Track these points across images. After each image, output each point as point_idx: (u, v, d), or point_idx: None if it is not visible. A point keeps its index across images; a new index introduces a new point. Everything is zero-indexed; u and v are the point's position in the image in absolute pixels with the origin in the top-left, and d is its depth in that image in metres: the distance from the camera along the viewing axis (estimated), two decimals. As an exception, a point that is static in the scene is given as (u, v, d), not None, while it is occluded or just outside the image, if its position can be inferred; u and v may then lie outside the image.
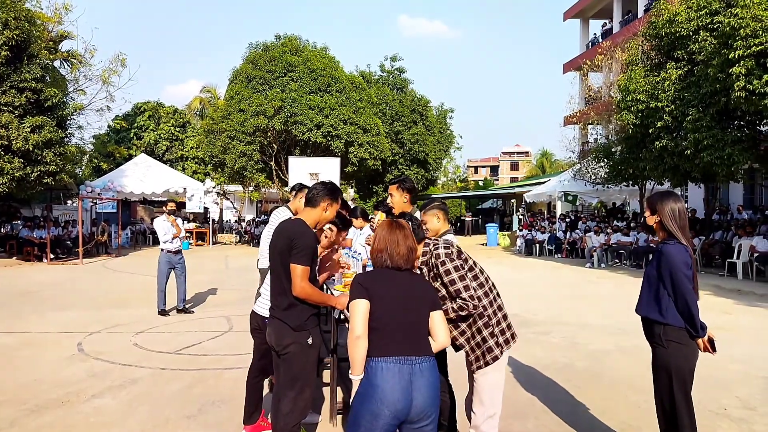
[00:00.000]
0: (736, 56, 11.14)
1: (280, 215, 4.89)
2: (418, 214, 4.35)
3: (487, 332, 3.05)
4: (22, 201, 21.80)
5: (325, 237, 3.90)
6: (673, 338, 2.90)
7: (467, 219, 32.38)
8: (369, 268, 4.68)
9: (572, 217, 21.58)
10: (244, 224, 28.75)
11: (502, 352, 3.08)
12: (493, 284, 3.19)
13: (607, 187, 19.22)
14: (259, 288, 3.97)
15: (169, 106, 34.92)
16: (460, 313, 2.99)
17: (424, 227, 3.87)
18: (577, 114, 22.10)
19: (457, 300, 2.98)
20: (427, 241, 3.24)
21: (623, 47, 18.02)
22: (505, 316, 3.14)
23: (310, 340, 2.97)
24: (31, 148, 15.88)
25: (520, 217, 25.89)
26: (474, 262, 3.16)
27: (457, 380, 3.85)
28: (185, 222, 24.25)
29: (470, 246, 23.10)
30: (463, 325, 3.10)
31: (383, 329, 2.39)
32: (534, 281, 12.73)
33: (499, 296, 3.19)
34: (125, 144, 33.79)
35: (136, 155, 29.44)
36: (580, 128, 23.51)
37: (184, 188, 23.50)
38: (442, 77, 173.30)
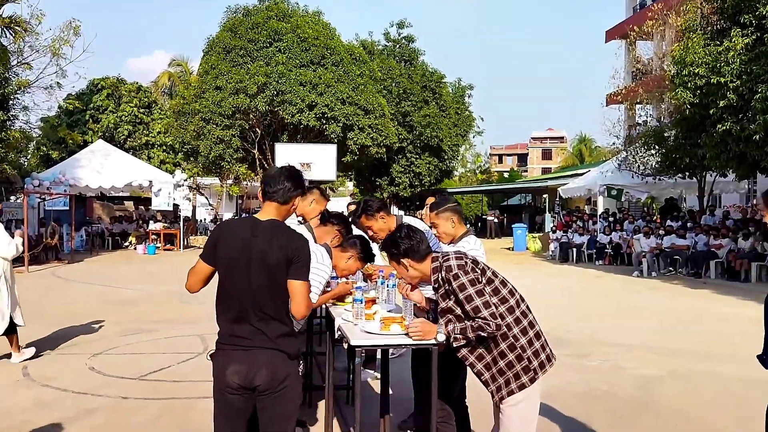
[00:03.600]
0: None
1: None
2: (408, 219, 4.36)
3: (514, 355, 3.05)
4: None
5: (342, 270, 3.99)
6: None
7: (490, 218, 32.38)
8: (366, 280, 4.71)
9: (617, 216, 21.50)
10: (221, 224, 28.79)
11: (534, 378, 3.07)
12: (521, 297, 3.19)
13: (659, 179, 19.15)
14: None
15: (131, 83, 35.02)
16: (481, 334, 2.99)
17: (434, 232, 3.89)
18: (623, 91, 22.02)
19: (476, 320, 2.97)
20: (435, 254, 3.24)
21: (678, 11, 17.94)
22: (538, 335, 3.14)
23: (302, 368, 2.96)
24: (-34, 134, 16.01)
25: (554, 215, 25.85)
26: (494, 273, 3.16)
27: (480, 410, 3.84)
28: (151, 222, 24.41)
29: (493, 251, 23.08)
30: (481, 349, 3.10)
31: None
32: (570, 293, 12.70)
33: (529, 311, 3.19)
34: (79, 128, 33.93)
35: (92, 142, 29.56)
36: (626, 108, 23.44)
37: (150, 181, 23.58)
38: (460, 47, 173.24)
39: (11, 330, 6.65)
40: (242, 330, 2.83)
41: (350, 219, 4.67)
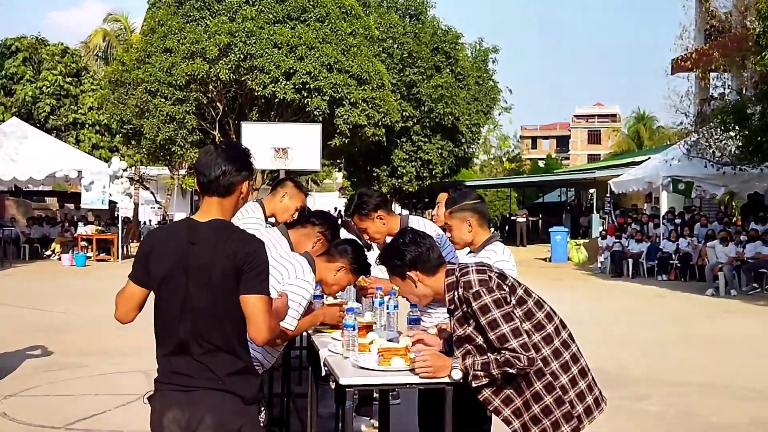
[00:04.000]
0: None
1: (247, 219, 4.79)
2: (415, 220, 4.37)
3: (552, 398, 3.05)
4: None
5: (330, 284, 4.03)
6: None
7: (520, 220, 32.37)
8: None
9: (685, 217, 21.47)
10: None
11: (578, 428, 3.08)
12: (561, 323, 3.20)
13: (741, 169, 19.14)
14: None
15: (55, 44, 35.01)
16: (508, 370, 2.99)
17: (448, 236, 3.89)
18: (693, 55, 22.02)
19: (503, 352, 2.97)
20: (449, 266, 3.25)
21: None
22: (583, 372, 3.15)
23: (263, 417, 2.92)
24: None
25: (603, 216, 25.82)
26: (527, 291, 3.17)
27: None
28: (81, 224, 24.38)
29: (524, 262, 23.07)
30: (509, 390, 3.10)
31: None
32: (624, 318, 12.67)
33: (572, 340, 3.19)
34: (-13, 102, 33.94)
35: (3, 120, 29.56)
36: (696, 77, 23.44)
37: (79, 172, 23.54)
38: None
39: None
40: (182, 365, 2.78)
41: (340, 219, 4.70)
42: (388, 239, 4.01)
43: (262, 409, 2.88)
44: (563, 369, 3.08)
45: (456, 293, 3.10)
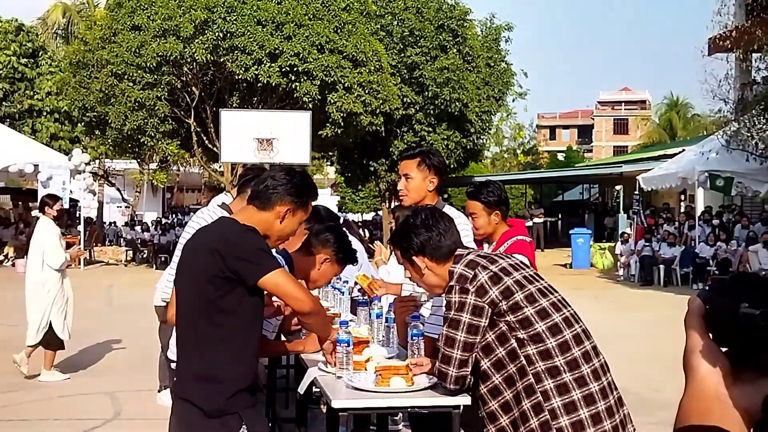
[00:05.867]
0: None
1: (208, 218, 4.84)
2: (447, 210, 4.41)
3: (568, 420, 3.02)
4: None
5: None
6: None
7: (536, 220, 32.40)
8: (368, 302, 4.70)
9: (724, 218, 21.48)
10: (140, 229, 28.84)
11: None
12: (584, 332, 3.19)
13: (787, 163, 19.18)
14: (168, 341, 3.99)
15: (7, 20, 35.01)
16: (442, 382, 3.19)
17: (470, 221, 4.04)
18: (733, 34, 22.03)
19: (438, 364, 3.15)
20: (461, 251, 3.30)
21: None
22: (604, 391, 3.11)
23: (245, 430, 2.95)
24: None
25: (632, 216, 25.84)
26: (544, 289, 3.23)
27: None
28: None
29: (541, 268, 23.02)
30: (516, 413, 3.09)
31: None
32: (656, 331, 12.67)
33: (596, 353, 3.17)
34: (-69, 87, 33.92)
35: (-50, 107, 29.57)
36: (737, 58, 23.46)
37: (35, 165, 23.55)
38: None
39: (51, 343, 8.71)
40: (180, 369, 3.15)
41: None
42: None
43: (243, 425, 2.94)
44: (579, 385, 3.06)
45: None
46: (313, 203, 3.38)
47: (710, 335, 1.11)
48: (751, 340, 1.00)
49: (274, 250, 4.05)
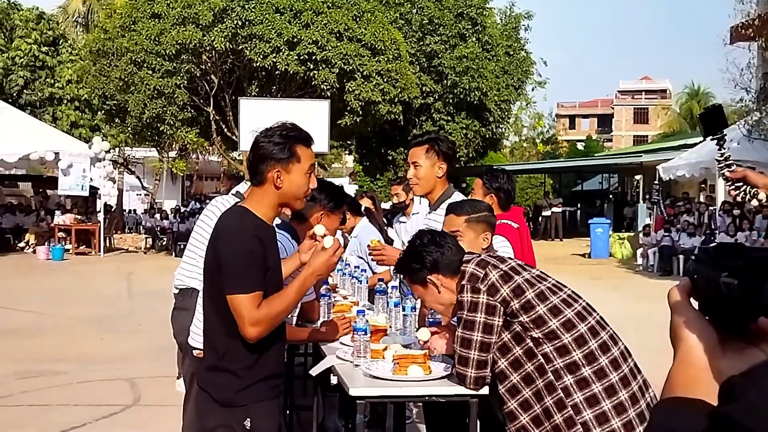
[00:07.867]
0: None
1: (221, 206, 4.85)
2: (456, 196, 4.40)
3: (591, 414, 3.01)
4: None
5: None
6: None
7: (555, 209, 32.25)
8: (385, 291, 4.70)
9: (746, 209, 21.33)
10: (159, 217, 28.93)
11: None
12: (598, 322, 3.18)
13: (809, 153, 19.03)
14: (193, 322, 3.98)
15: (29, 8, 35.15)
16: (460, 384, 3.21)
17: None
18: (756, 22, 21.81)
19: (456, 366, 3.17)
20: (463, 267, 3.27)
21: None
22: (626, 380, 3.09)
23: (248, 424, 2.95)
24: None
25: (651, 206, 25.68)
26: (553, 287, 3.19)
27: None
28: (58, 213, 24.50)
29: (559, 258, 23.02)
30: (538, 409, 3.08)
31: None
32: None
33: (614, 341, 3.16)
34: (-47, 75, 34.10)
35: (-29, 95, 29.72)
36: (760, 47, 23.25)
37: (56, 153, 23.67)
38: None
39: None
40: (205, 355, 3.21)
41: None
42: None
43: (248, 419, 2.95)
44: (591, 378, 3.04)
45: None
46: (308, 145, 3.17)
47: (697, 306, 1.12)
48: (734, 309, 1.00)
49: (278, 222, 4.05)
